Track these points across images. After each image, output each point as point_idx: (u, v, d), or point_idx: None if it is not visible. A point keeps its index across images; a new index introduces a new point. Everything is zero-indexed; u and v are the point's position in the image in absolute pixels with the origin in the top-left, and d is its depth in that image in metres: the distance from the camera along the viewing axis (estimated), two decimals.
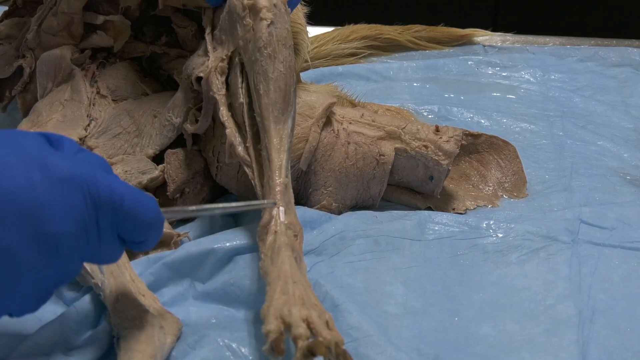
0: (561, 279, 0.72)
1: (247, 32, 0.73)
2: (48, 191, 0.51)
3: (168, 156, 0.79)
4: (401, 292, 0.70)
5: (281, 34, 0.73)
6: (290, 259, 0.62)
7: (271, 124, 0.70)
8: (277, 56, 0.72)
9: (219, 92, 0.75)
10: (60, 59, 0.85)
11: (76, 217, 0.52)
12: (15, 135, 0.53)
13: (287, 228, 0.66)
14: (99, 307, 0.65)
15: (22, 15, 0.91)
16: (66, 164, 0.52)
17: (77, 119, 0.81)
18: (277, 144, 0.70)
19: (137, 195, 0.56)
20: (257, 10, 0.73)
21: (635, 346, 0.64)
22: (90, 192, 0.53)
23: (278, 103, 0.71)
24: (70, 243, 0.52)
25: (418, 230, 0.77)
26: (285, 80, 0.72)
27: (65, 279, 0.55)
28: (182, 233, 0.75)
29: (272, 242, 0.64)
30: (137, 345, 0.59)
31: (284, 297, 0.58)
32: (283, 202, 0.67)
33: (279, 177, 0.68)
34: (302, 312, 0.56)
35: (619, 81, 1.11)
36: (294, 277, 0.61)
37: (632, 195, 0.84)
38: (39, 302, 0.55)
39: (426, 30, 1.21)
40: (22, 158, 0.51)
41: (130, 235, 0.56)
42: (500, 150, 0.89)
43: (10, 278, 0.51)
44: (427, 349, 0.63)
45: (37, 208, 0.50)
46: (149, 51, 0.89)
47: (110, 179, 0.55)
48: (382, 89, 1.09)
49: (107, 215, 0.54)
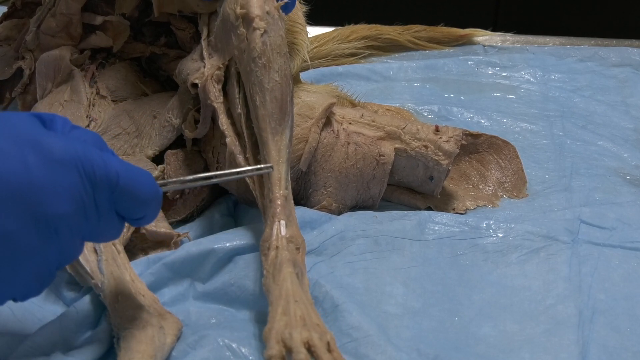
0: (561, 279, 0.72)
1: (241, 42, 0.72)
2: (43, 173, 0.51)
3: (168, 157, 0.79)
4: (401, 292, 0.70)
5: (275, 42, 0.72)
6: (292, 275, 0.63)
7: (269, 135, 0.70)
8: (272, 65, 0.71)
9: (216, 101, 0.75)
10: (59, 60, 0.85)
11: (73, 197, 0.52)
12: (8, 117, 0.53)
13: (288, 242, 0.66)
14: (99, 307, 0.65)
15: (21, 17, 0.91)
16: (60, 144, 0.52)
17: (77, 120, 0.81)
18: (276, 156, 0.70)
19: (133, 171, 0.55)
20: (250, 20, 0.72)
21: (635, 346, 0.64)
22: (85, 171, 0.52)
23: (275, 114, 0.71)
24: (69, 224, 0.52)
25: (418, 230, 0.77)
26: (282, 89, 0.71)
27: (67, 260, 0.55)
28: (182, 233, 0.75)
29: (273, 258, 0.64)
30: (137, 346, 0.59)
31: (285, 319, 0.59)
32: (284, 215, 0.67)
33: (279, 190, 0.68)
34: (304, 335, 0.57)
35: (619, 81, 1.11)
36: (296, 295, 0.61)
37: (632, 195, 0.84)
38: (42, 285, 0.54)
39: (426, 30, 1.21)
40: (16, 140, 0.51)
41: (128, 211, 0.56)
42: (500, 150, 0.89)
43: (11, 262, 0.51)
44: (427, 349, 0.63)
45: (33, 191, 0.50)
46: (148, 52, 0.89)
47: (106, 157, 0.54)
48: (382, 89, 1.09)
49: (104, 193, 0.53)
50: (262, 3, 0.72)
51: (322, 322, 0.60)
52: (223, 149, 0.76)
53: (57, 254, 0.53)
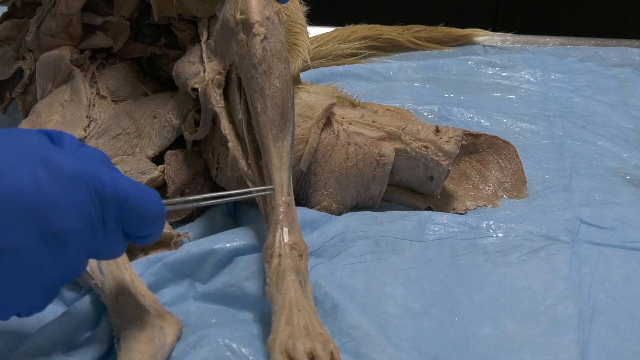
0: (561, 279, 0.72)
1: (242, 48, 0.72)
2: (54, 189, 0.51)
3: (168, 157, 0.79)
4: (401, 293, 0.70)
5: (275, 47, 0.72)
6: (295, 283, 0.63)
7: (270, 142, 0.70)
8: (273, 71, 0.71)
9: (218, 105, 0.75)
10: (59, 60, 0.85)
11: (83, 213, 0.52)
12: (18, 133, 0.54)
13: (291, 249, 0.66)
14: (99, 307, 0.65)
15: (22, 17, 0.91)
16: (70, 161, 0.52)
17: (77, 120, 0.81)
18: (278, 163, 0.70)
19: (141, 190, 0.56)
20: (249, 26, 0.72)
21: (635, 346, 0.64)
22: (95, 188, 0.53)
23: (276, 120, 0.71)
24: (78, 240, 0.53)
25: (418, 231, 0.77)
26: (282, 95, 0.71)
27: (72, 276, 0.55)
28: (182, 233, 0.75)
29: (276, 266, 0.65)
30: (137, 346, 0.59)
31: (288, 329, 0.59)
32: (286, 222, 0.67)
33: (281, 197, 0.68)
34: (307, 345, 0.57)
35: (619, 81, 1.11)
36: (299, 304, 0.61)
37: (632, 195, 0.84)
38: (46, 300, 0.55)
39: (426, 30, 1.21)
40: (27, 157, 0.51)
41: (134, 229, 0.56)
42: (500, 150, 0.89)
43: (20, 276, 0.51)
44: (427, 349, 0.63)
45: (44, 207, 0.51)
46: (148, 52, 0.89)
47: (115, 175, 0.55)
48: (382, 89, 1.09)
49: (112, 210, 0.54)
50: (262, 8, 0.72)
51: (326, 331, 0.60)
52: (223, 149, 0.76)
53: (64, 269, 0.53)
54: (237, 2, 0.73)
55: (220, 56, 0.76)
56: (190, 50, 0.81)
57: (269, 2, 0.73)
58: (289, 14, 0.87)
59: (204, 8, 0.79)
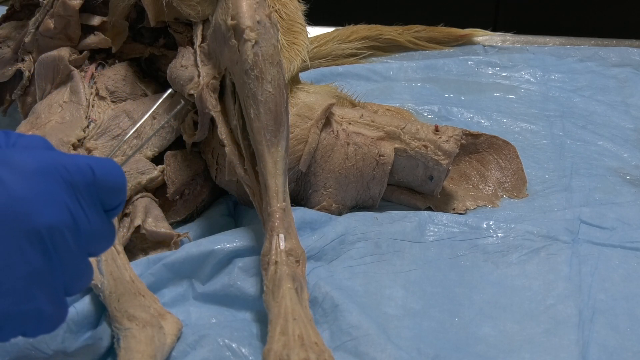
0: (561, 278, 0.72)
1: (234, 53, 0.72)
2: (22, 187, 0.49)
3: (167, 158, 0.79)
4: (401, 294, 0.70)
5: (267, 52, 0.71)
6: (291, 292, 0.63)
7: (264, 147, 0.70)
8: (265, 77, 0.71)
9: (214, 110, 0.75)
10: (58, 61, 0.85)
11: (57, 204, 0.51)
12: None
13: (287, 255, 0.66)
14: (98, 307, 0.65)
15: (20, 19, 0.91)
16: (27, 155, 0.51)
17: (76, 121, 0.81)
18: (272, 169, 0.69)
19: (101, 161, 0.54)
20: (240, 31, 0.71)
21: (635, 346, 0.64)
22: (61, 174, 0.51)
23: (270, 126, 0.70)
24: (63, 234, 0.51)
25: (418, 231, 0.77)
26: (275, 100, 0.71)
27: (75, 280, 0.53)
28: (182, 233, 0.75)
29: (273, 274, 0.65)
30: (137, 346, 0.59)
31: (283, 339, 0.59)
32: (282, 228, 0.67)
33: (276, 203, 0.68)
34: (301, 356, 0.57)
35: (619, 81, 1.11)
36: (294, 313, 0.61)
37: (632, 195, 0.84)
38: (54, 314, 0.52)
39: (426, 30, 1.21)
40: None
41: (107, 202, 0.54)
42: (500, 150, 0.89)
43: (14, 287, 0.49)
44: (427, 349, 0.63)
45: (17, 207, 0.49)
46: (147, 52, 0.89)
47: (71, 156, 0.53)
48: (382, 89, 1.09)
49: (84, 191, 0.52)
50: (253, 13, 0.72)
51: (321, 340, 0.60)
52: (223, 150, 0.76)
53: (62, 273, 0.52)
54: (228, 7, 0.73)
55: (214, 60, 0.76)
56: (182, 53, 0.80)
57: (260, 5, 0.72)
58: (289, 12, 0.86)
59: (196, 12, 0.79)
